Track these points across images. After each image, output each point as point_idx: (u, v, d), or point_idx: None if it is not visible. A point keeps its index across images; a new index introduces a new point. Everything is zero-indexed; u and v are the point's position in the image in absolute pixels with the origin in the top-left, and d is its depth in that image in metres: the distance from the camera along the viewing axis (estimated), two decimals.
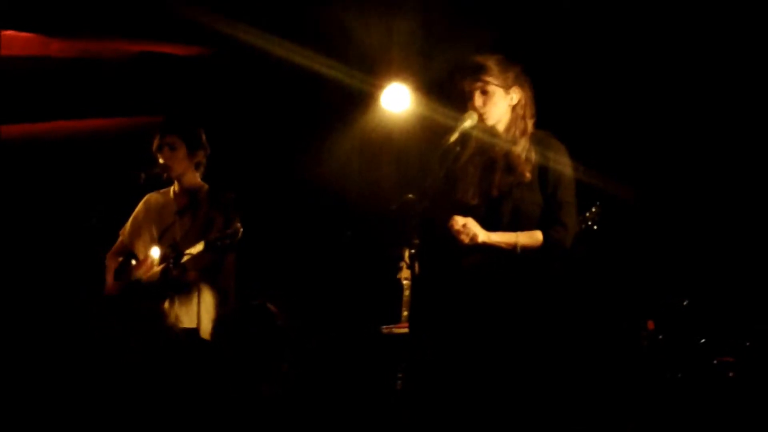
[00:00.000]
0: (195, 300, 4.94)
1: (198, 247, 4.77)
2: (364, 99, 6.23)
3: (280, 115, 6.48)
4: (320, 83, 6.09)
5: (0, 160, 6.08)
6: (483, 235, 4.11)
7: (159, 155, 5.05)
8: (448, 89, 4.47)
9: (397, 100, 6.10)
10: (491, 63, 4.21)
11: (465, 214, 4.18)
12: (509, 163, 4.20)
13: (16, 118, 6.26)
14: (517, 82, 4.23)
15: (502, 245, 4.11)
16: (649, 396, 5.17)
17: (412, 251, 4.16)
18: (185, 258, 4.78)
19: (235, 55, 6.25)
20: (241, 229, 4.72)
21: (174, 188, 5.17)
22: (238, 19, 5.75)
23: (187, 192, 5.13)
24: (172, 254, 4.81)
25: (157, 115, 6.15)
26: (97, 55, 6.29)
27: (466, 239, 4.10)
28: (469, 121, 4.19)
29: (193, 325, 4.91)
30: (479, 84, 4.20)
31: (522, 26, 5.70)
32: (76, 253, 5.91)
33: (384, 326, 5.35)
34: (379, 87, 6.11)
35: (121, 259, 5.13)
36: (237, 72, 6.44)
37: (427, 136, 5.84)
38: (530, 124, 4.24)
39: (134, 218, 5.20)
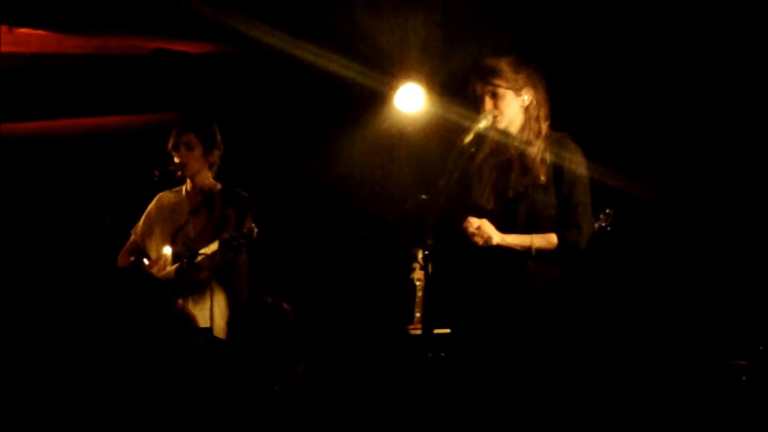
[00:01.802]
0: (208, 299, 4.94)
1: (213, 247, 4.77)
2: (378, 99, 6.22)
3: (293, 114, 6.48)
4: (334, 82, 6.08)
5: (15, 157, 6.11)
6: (497, 237, 4.11)
7: (175, 153, 5.04)
8: (463, 89, 4.46)
9: (411, 100, 6.08)
10: (502, 65, 4.19)
11: (480, 216, 4.17)
12: (524, 165, 4.19)
13: (31, 115, 6.28)
14: (530, 83, 4.21)
15: (517, 247, 4.11)
16: (662, 399, 5.16)
17: (426, 252, 4.15)
18: (200, 258, 4.78)
19: (249, 54, 6.25)
20: (257, 230, 4.72)
21: (186, 187, 5.17)
22: (252, 17, 5.74)
23: (200, 191, 5.12)
24: (186, 253, 4.81)
25: (172, 113, 6.16)
26: (112, 52, 6.30)
27: (480, 241, 4.10)
28: (484, 122, 4.18)
29: (206, 324, 4.91)
30: (489, 87, 4.20)
31: (538, 26, 5.67)
32: (89, 251, 5.93)
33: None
34: (392, 87, 6.10)
35: (132, 258, 5.14)
36: (251, 70, 6.44)
37: (441, 136, 5.82)
38: (545, 125, 4.22)
39: (146, 217, 5.20)
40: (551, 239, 4.13)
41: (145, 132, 6.25)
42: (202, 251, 4.79)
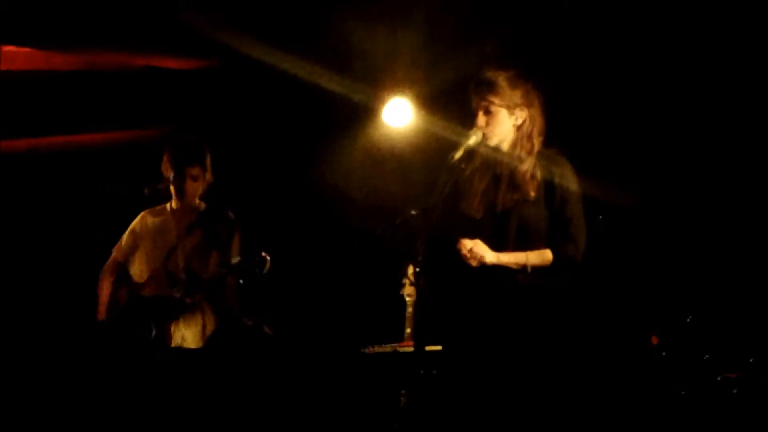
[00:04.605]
0: (200, 320, 4.93)
1: (215, 270, 4.79)
2: (367, 113, 6.21)
3: (282, 129, 6.47)
4: (322, 97, 6.08)
5: (3, 173, 6.07)
6: (491, 256, 4.09)
7: (178, 183, 5.03)
8: (453, 101, 4.46)
9: (399, 115, 6.09)
10: (500, 80, 4.18)
11: (470, 228, 4.17)
12: (514, 181, 4.18)
13: (20, 132, 6.25)
14: (525, 100, 4.20)
15: (512, 266, 4.10)
16: (653, 412, 5.16)
17: (417, 269, 4.14)
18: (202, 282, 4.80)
19: (238, 69, 6.24)
20: (269, 260, 4.69)
21: (171, 205, 5.15)
22: (242, 32, 5.74)
23: (187, 211, 5.11)
24: (183, 277, 4.82)
25: (161, 129, 6.16)
26: (100, 69, 6.28)
27: (473, 263, 4.09)
28: (473, 139, 4.17)
29: (198, 345, 4.90)
30: (484, 103, 4.18)
31: (525, 41, 5.68)
32: (79, 267, 5.91)
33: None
34: (381, 101, 6.10)
35: (113, 278, 5.11)
36: (240, 86, 6.43)
37: (430, 150, 5.83)
38: (537, 142, 4.21)
39: (130, 235, 5.16)
40: (546, 256, 4.12)
41: (135, 148, 6.24)
42: (209, 276, 4.80)
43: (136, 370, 4.82)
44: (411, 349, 4.86)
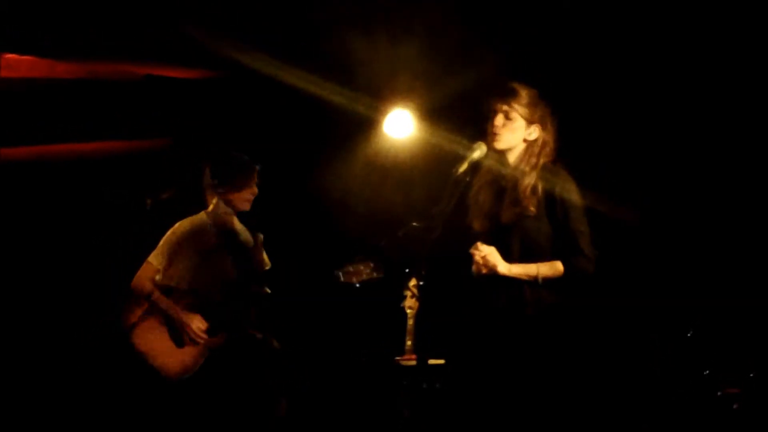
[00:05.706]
0: None
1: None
2: (368, 125, 6.22)
3: (283, 140, 6.46)
4: (324, 108, 6.08)
5: (4, 182, 6.07)
6: (504, 267, 4.12)
7: (248, 195, 5.14)
8: (456, 113, 4.47)
9: (401, 126, 6.09)
10: (524, 92, 4.25)
11: (474, 243, 4.18)
12: (516, 196, 4.20)
13: (22, 139, 6.25)
14: (542, 120, 4.25)
15: (523, 277, 4.12)
16: (653, 427, 5.16)
17: (421, 283, 4.15)
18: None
19: (241, 80, 6.25)
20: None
21: (206, 214, 5.14)
22: (244, 43, 5.74)
23: (224, 221, 5.14)
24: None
25: (163, 138, 6.16)
26: (103, 78, 6.28)
27: (484, 270, 4.11)
28: (478, 152, 4.20)
29: None
30: (506, 108, 4.23)
31: (527, 52, 5.69)
32: (80, 276, 5.91)
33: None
34: (382, 112, 6.10)
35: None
36: (243, 96, 6.43)
37: (431, 161, 5.84)
38: (543, 161, 4.25)
39: (170, 244, 5.08)
40: (557, 267, 4.15)
41: (135, 157, 6.25)
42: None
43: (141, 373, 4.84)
44: (412, 362, 4.87)
